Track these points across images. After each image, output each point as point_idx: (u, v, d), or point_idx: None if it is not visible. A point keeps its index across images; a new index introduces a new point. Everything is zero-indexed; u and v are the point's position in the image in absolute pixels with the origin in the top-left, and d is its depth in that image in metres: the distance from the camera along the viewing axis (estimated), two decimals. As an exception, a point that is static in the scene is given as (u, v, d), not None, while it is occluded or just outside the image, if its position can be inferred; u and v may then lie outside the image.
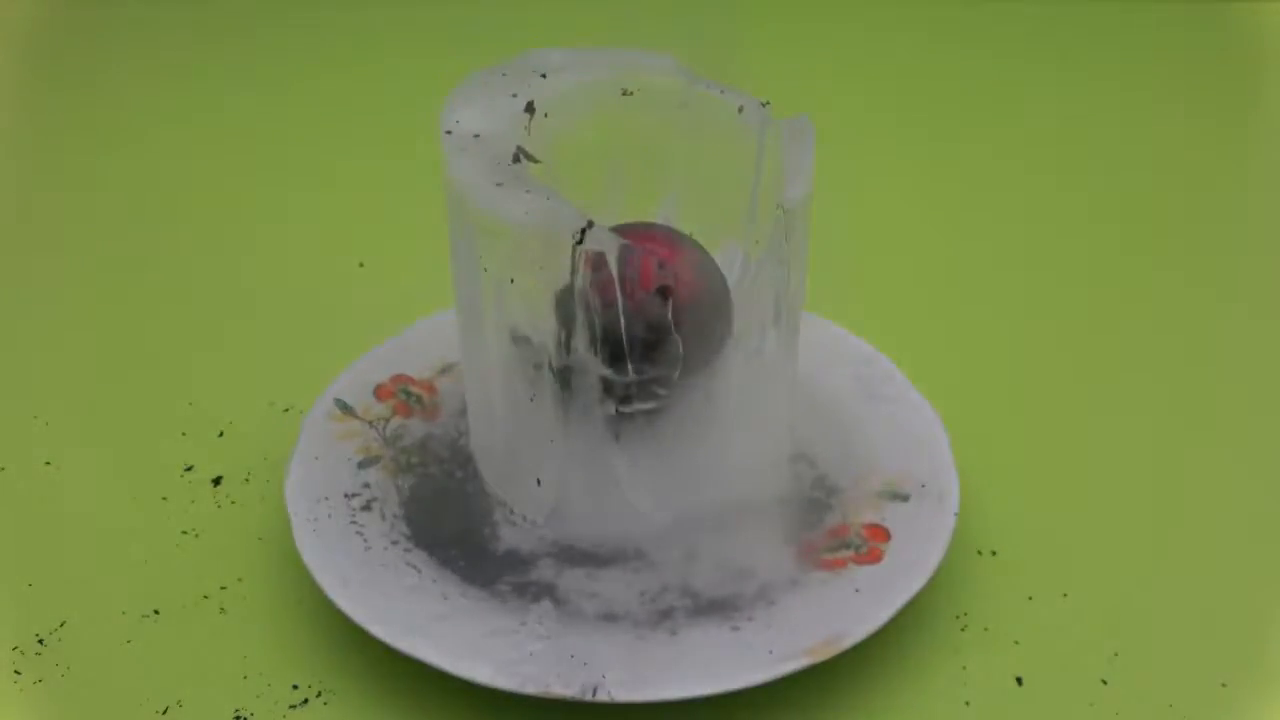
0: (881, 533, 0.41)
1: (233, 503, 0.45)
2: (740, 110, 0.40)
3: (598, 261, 0.36)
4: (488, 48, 0.43)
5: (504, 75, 0.41)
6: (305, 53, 0.77)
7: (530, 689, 0.36)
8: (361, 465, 0.44)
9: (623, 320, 0.37)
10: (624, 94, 0.41)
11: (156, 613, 0.41)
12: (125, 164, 0.66)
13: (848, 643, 0.38)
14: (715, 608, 0.40)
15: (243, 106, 0.71)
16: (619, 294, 0.37)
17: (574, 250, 0.36)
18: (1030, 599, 0.42)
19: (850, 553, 0.41)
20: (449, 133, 0.39)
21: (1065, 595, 0.43)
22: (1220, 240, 0.64)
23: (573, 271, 0.37)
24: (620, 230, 0.37)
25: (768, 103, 0.40)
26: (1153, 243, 0.62)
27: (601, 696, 0.36)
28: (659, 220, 0.42)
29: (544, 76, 0.41)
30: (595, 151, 0.41)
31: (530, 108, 0.40)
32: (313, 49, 0.77)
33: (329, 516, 0.42)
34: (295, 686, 0.39)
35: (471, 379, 0.43)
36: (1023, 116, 0.73)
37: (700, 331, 0.39)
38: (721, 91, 0.40)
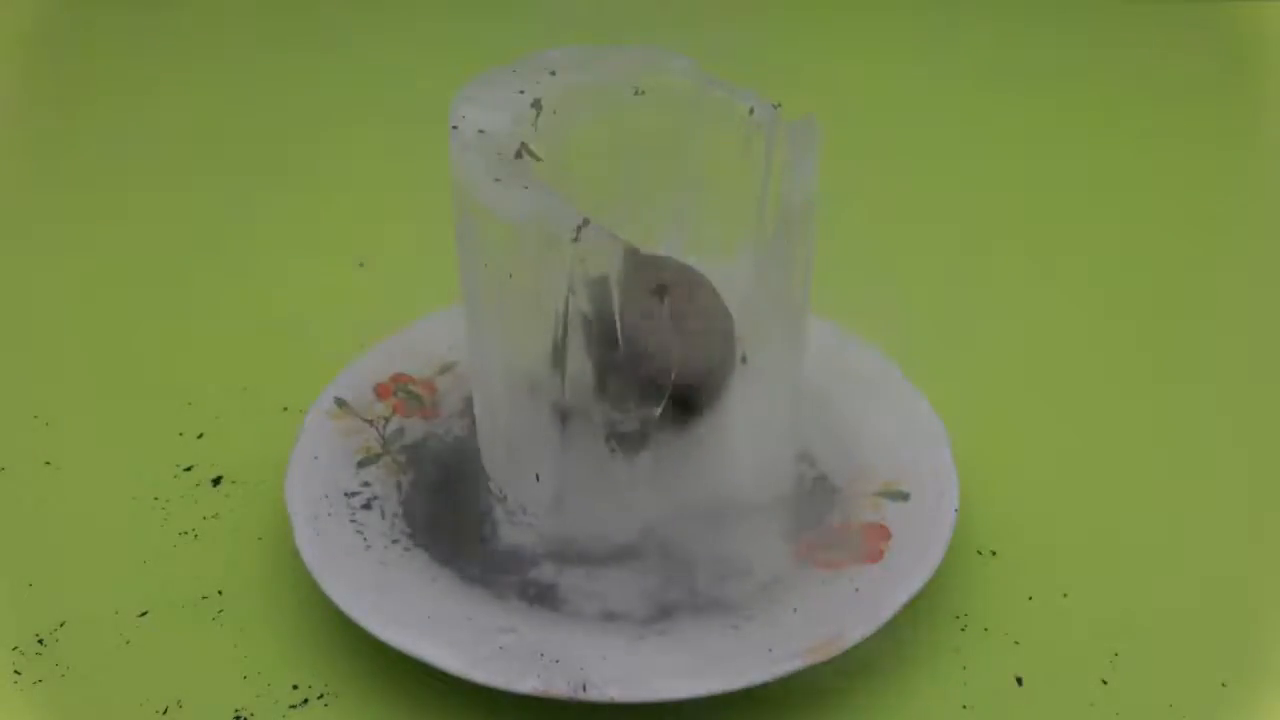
0: (881, 532, 0.41)
1: (232, 502, 0.45)
2: (751, 112, 0.40)
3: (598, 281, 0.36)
4: (497, 47, 0.43)
5: (514, 72, 0.41)
6: (307, 52, 0.77)
7: (528, 688, 0.36)
8: (361, 464, 0.44)
9: (619, 323, 0.37)
10: (635, 93, 0.41)
11: (155, 613, 0.41)
12: (126, 163, 0.66)
13: (848, 642, 0.38)
14: (715, 607, 0.40)
15: (243, 106, 0.72)
16: (614, 293, 0.37)
17: (570, 248, 0.36)
18: (1030, 599, 0.42)
19: (850, 552, 0.41)
20: (455, 128, 0.39)
21: (1065, 595, 0.43)
22: (1222, 242, 0.64)
23: (571, 270, 0.37)
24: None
25: (779, 105, 0.40)
26: (1155, 244, 0.62)
27: (600, 696, 0.36)
28: (669, 218, 0.42)
29: (554, 74, 0.41)
30: (605, 151, 0.41)
31: (537, 105, 0.40)
32: (315, 49, 0.77)
33: (329, 515, 0.41)
34: (295, 686, 0.39)
35: (474, 373, 0.42)
36: (1024, 118, 0.73)
37: (705, 376, 0.39)
38: (733, 92, 0.40)
